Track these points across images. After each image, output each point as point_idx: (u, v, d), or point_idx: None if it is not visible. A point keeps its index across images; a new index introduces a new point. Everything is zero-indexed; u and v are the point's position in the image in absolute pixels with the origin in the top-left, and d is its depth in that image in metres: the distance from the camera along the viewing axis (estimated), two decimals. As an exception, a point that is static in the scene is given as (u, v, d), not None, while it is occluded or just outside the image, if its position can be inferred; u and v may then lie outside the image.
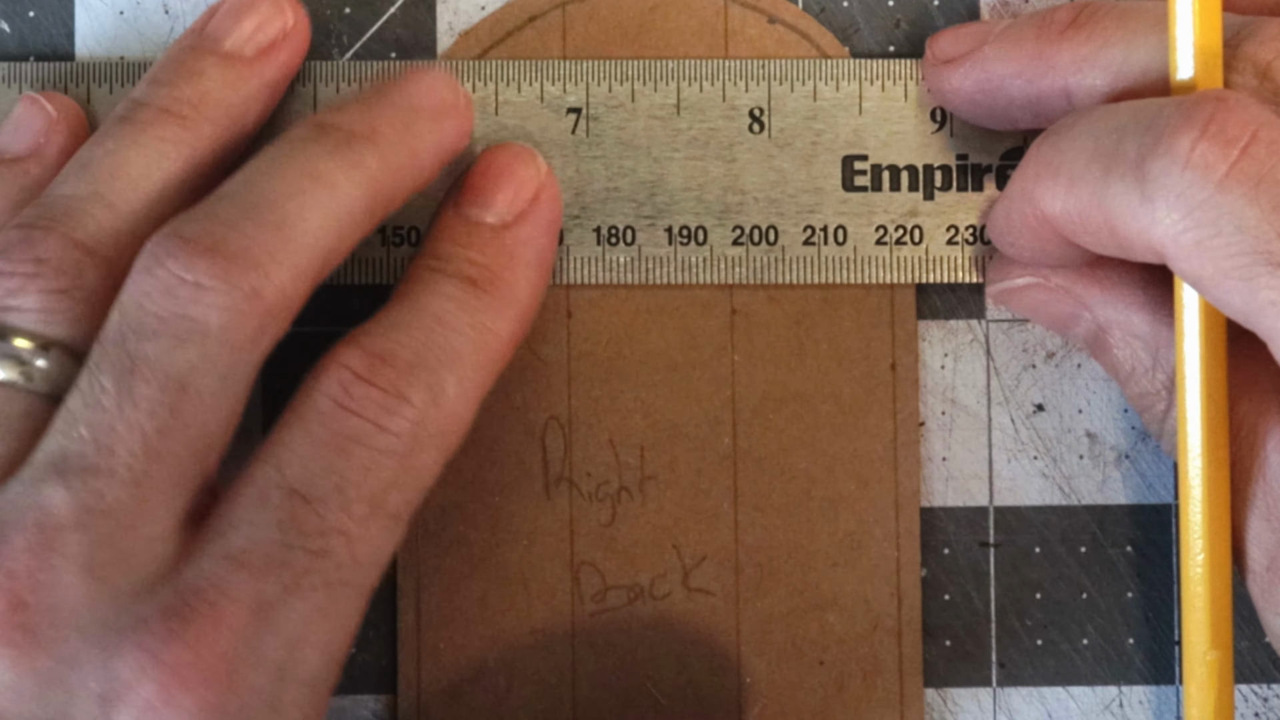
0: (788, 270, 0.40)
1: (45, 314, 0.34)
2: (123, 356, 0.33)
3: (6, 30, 0.41)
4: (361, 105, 0.36)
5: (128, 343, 0.33)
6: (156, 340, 0.33)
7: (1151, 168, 0.32)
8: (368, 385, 0.34)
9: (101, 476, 0.32)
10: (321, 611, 0.33)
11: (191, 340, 0.33)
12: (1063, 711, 0.40)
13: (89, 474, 0.32)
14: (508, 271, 0.37)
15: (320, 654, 0.33)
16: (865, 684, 0.40)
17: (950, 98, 0.39)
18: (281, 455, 0.33)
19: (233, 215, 0.34)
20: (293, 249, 0.34)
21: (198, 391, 0.33)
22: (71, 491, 0.32)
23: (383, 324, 0.35)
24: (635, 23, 0.40)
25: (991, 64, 0.38)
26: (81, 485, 0.32)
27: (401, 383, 0.34)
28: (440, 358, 0.35)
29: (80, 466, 0.32)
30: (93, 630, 0.31)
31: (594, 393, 0.40)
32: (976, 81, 0.38)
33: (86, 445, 0.32)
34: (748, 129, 0.40)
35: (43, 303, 0.34)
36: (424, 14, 0.41)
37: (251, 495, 0.33)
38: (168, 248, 0.33)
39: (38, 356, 0.34)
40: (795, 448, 0.40)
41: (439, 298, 0.36)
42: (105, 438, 0.32)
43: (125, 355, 0.33)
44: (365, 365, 0.34)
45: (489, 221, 0.37)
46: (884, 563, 0.40)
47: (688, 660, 0.40)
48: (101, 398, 0.32)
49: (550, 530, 0.40)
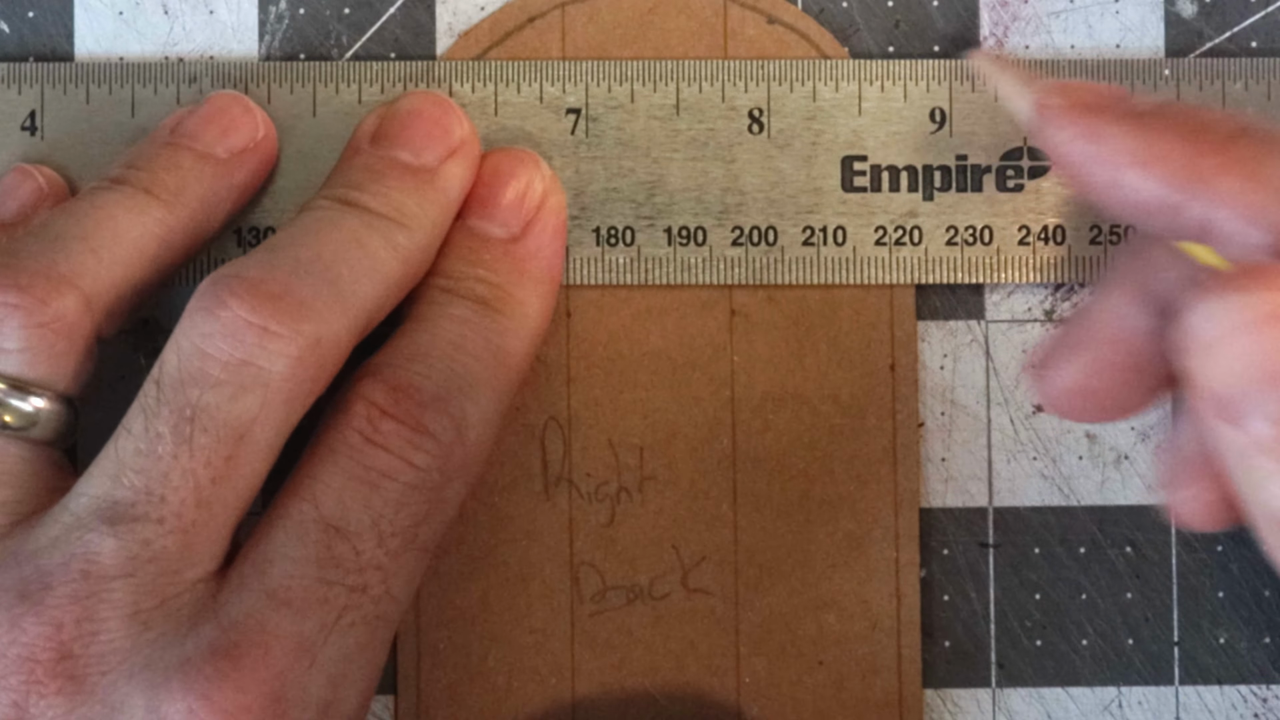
0: (787, 271, 0.40)
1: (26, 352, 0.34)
2: (182, 404, 0.33)
3: (6, 30, 0.41)
4: (371, 175, 0.37)
5: (187, 390, 0.33)
6: (218, 389, 0.33)
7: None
8: (393, 420, 0.34)
9: (150, 525, 0.32)
10: (361, 648, 0.33)
11: (254, 389, 0.33)
12: (1062, 712, 0.40)
13: (138, 523, 0.32)
14: (518, 288, 0.37)
15: (359, 691, 0.34)
16: (864, 684, 0.40)
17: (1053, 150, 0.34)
18: (315, 490, 0.34)
19: (291, 265, 0.34)
20: (345, 307, 0.34)
21: (253, 442, 0.33)
22: (120, 540, 0.32)
23: (402, 353, 0.35)
24: (635, 23, 0.40)
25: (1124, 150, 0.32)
26: (130, 534, 0.32)
27: (426, 418, 0.34)
28: (461, 388, 0.35)
29: (130, 515, 0.32)
30: (139, 673, 0.32)
31: (594, 393, 0.40)
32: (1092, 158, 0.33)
33: (138, 494, 0.32)
34: (747, 129, 0.40)
35: (25, 340, 0.34)
36: (423, 14, 0.41)
37: (287, 530, 0.33)
38: (232, 288, 0.33)
39: (13, 397, 0.34)
40: (795, 448, 0.40)
41: (454, 322, 0.36)
42: (158, 486, 0.32)
43: (185, 403, 0.33)
44: (389, 399, 0.34)
45: (496, 234, 0.38)
46: (883, 563, 0.40)
47: (687, 660, 0.40)
48: (157, 445, 0.32)
49: (550, 530, 0.40)
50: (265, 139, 0.39)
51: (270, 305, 0.33)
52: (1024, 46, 0.41)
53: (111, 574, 0.32)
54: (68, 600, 0.32)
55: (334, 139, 0.39)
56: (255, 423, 0.33)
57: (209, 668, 0.31)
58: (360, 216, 0.36)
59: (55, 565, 0.32)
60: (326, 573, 0.33)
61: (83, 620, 0.32)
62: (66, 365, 0.34)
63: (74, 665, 0.31)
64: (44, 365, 0.34)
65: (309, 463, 0.34)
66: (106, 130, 0.40)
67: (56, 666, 0.31)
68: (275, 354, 0.33)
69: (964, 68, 0.40)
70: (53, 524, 0.33)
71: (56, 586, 0.32)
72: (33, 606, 0.32)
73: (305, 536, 0.33)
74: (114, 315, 0.36)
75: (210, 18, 0.41)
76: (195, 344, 0.33)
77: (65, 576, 0.32)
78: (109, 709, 0.31)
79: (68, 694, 0.31)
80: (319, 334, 0.33)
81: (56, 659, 0.31)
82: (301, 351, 0.33)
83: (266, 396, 0.33)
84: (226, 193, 0.38)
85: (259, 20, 0.41)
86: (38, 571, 0.32)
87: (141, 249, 0.36)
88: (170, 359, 0.33)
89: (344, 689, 0.33)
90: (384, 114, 0.38)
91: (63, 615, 0.32)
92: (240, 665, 0.32)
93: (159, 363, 0.33)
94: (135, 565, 0.32)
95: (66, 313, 0.34)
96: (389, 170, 0.37)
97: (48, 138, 0.40)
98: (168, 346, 0.33)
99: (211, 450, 0.32)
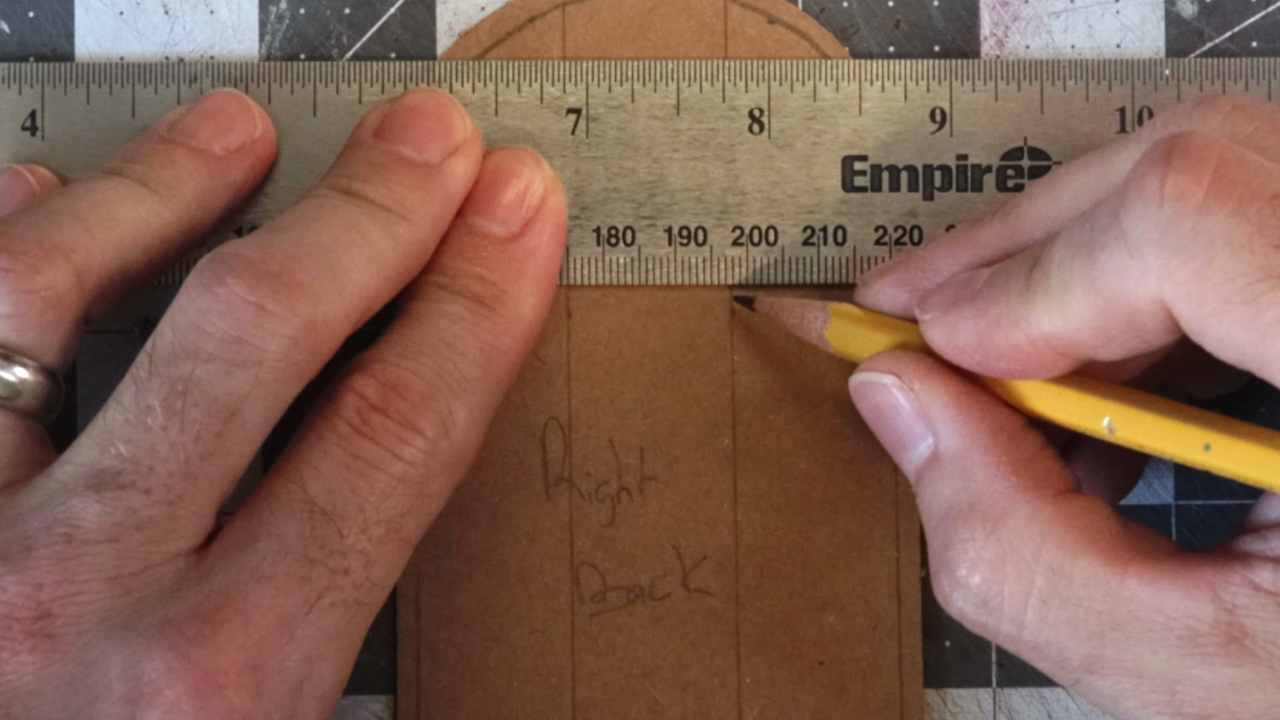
0: (787, 270, 0.40)
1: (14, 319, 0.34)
2: (175, 378, 0.33)
3: (6, 30, 0.41)
4: (373, 168, 0.37)
5: (180, 364, 0.33)
6: (211, 364, 0.33)
7: (1128, 219, 0.31)
8: (382, 415, 0.34)
9: (136, 494, 0.32)
10: (339, 630, 0.33)
11: (247, 367, 0.33)
12: (1062, 712, 0.40)
13: (124, 490, 0.32)
14: (514, 287, 0.37)
15: (334, 672, 0.34)
16: (865, 684, 0.40)
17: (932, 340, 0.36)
18: (303, 472, 0.34)
19: (290, 248, 0.34)
20: (341, 292, 0.34)
21: (244, 419, 0.33)
22: (104, 505, 0.32)
23: (394, 348, 0.35)
24: (635, 23, 0.40)
25: (944, 270, 0.37)
26: (115, 501, 0.32)
27: (414, 415, 0.34)
28: (451, 386, 0.35)
29: (116, 483, 0.32)
30: (117, 633, 0.32)
31: (594, 393, 0.40)
32: (949, 305, 0.35)
33: (125, 463, 0.32)
34: (747, 129, 0.40)
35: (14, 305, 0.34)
36: (424, 14, 0.41)
37: (274, 508, 0.33)
38: (231, 266, 0.33)
39: None
40: (795, 448, 0.40)
41: (447, 320, 0.36)
42: (146, 457, 0.32)
43: (178, 377, 0.33)
44: (379, 395, 0.34)
45: (495, 233, 0.38)
46: (884, 563, 0.40)
47: (687, 660, 0.40)
48: (147, 417, 0.33)
49: (550, 531, 0.40)
50: (263, 137, 0.39)
51: (268, 285, 0.33)
52: (1024, 46, 0.41)
53: (94, 538, 0.32)
54: (48, 561, 0.32)
55: (334, 139, 0.39)
56: (246, 401, 0.33)
57: (190, 629, 0.31)
58: (361, 206, 0.36)
59: (37, 529, 0.32)
60: (310, 551, 0.33)
61: (63, 581, 0.32)
62: (54, 336, 0.34)
63: (51, 624, 0.31)
64: (32, 333, 0.34)
65: (298, 446, 0.34)
66: (107, 130, 0.40)
67: (33, 625, 0.31)
68: (270, 333, 0.33)
69: (965, 67, 0.40)
70: (37, 490, 0.33)
71: (38, 549, 0.32)
72: (13, 567, 0.32)
73: (291, 515, 0.33)
74: (104, 297, 0.36)
75: (211, 18, 0.41)
76: (191, 319, 0.33)
77: (48, 539, 0.32)
78: (82, 666, 0.31)
79: (42, 650, 0.31)
80: (315, 316, 0.33)
81: (34, 617, 0.31)
82: (296, 332, 0.33)
83: (259, 375, 0.33)
84: (223, 189, 0.38)
85: (259, 20, 0.41)
86: (20, 534, 0.32)
87: (135, 235, 0.36)
88: (165, 333, 0.33)
89: (320, 668, 0.33)
90: (387, 110, 0.38)
91: (43, 576, 0.32)
92: (220, 630, 0.32)
93: (153, 336, 0.33)
94: (119, 531, 0.32)
95: (57, 283, 0.34)
96: (392, 164, 0.37)
97: (48, 138, 0.40)
98: (163, 320, 0.33)
99: (202, 425, 0.33)
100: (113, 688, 0.31)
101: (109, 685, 0.31)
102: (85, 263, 0.35)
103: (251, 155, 0.38)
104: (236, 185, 0.38)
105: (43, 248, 0.34)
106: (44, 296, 0.34)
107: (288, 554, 0.33)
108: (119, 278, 0.36)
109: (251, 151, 0.38)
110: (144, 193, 0.36)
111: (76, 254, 0.35)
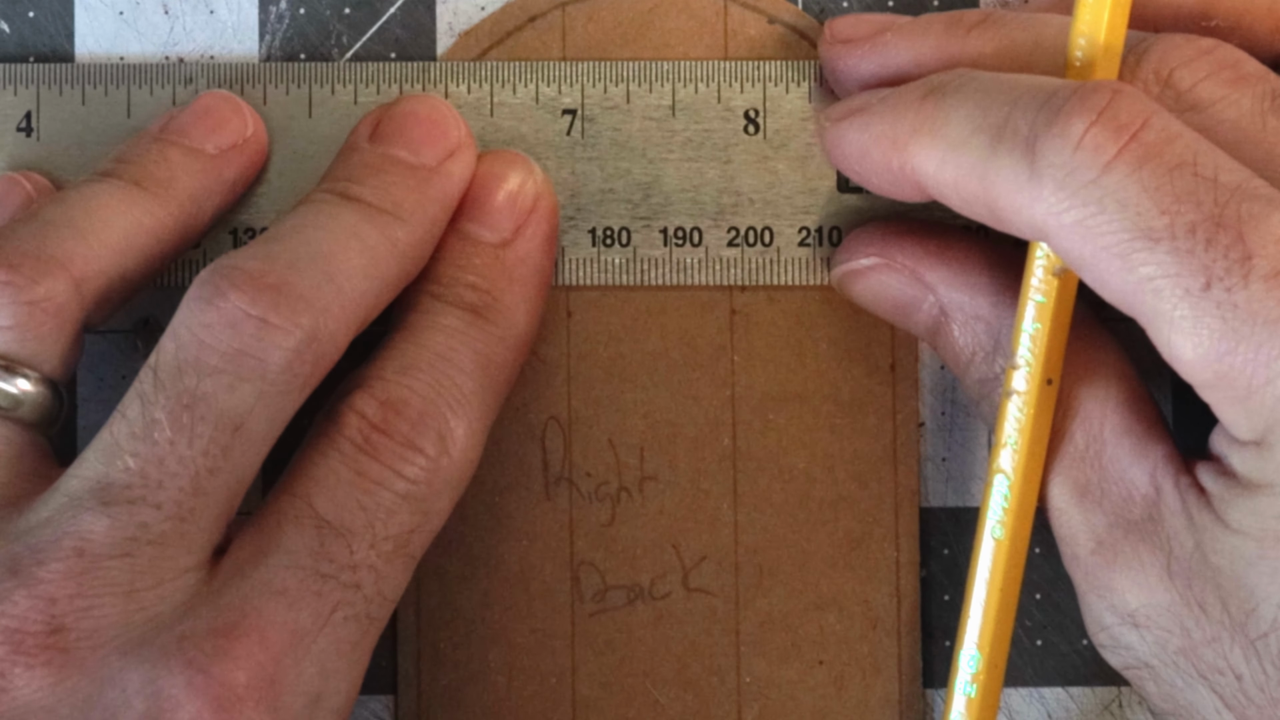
0: (783, 271, 0.40)
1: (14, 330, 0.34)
2: (180, 392, 0.33)
3: (6, 30, 0.41)
4: (369, 171, 0.37)
5: (185, 378, 0.33)
6: (216, 378, 0.33)
7: (1043, 147, 0.32)
8: (383, 435, 0.34)
9: (146, 509, 0.32)
10: (352, 644, 0.34)
11: (251, 380, 0.33)
12: (1062, 712, 0.40)
13: (134, 505, 0.32)
14: (507, 295, 0.37)
15: (347, 686, 0.34)
16: (865, 684, 0.40)
17: (844, 79, 0.38)
18: (310, 488, 0.34)
19: (290, 258, 0.34)
20: (342, 301, 0.34)
21: (249, 433, 0.33)
22: (115, 520, 0.32)
23: (392, 364, 0.36)
24: (635, 23, 0.40)
25: (893, 50, 0.37)
26: (125, 515, 0.32)
27: (414, 434, 0.35)
28: (449, 402, 0.35)
29: (125, 498, 0.32)
30: (133, 649, 0.32)
31: (594, 393, 0.40)
32: (875, 66, 0.37)
33: (133, 477, 0.32)
34: (743, 130, 0.40)
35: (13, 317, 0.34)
36: (424, 14, 0.41)
37: (283, 524, 0.34)
38: (232, 279, 0.33)
39: None
40: (795, 448, 0.40)
41: (443, 333, 0.36)
42: (154, 471, 0.32)
43: (183, 390, 0.33)
44: (379, 414, 0.35)
45: (487, 239, 0.38)
46: (883, 563, 0.40)
47: (687, 660, 0.40)
48: (154, 431, 0.33)
49: (550, 530, 0.40)
50: (254, 137, 0.39)
51: (269, 297, 0.33)
52: (1025, 45, 0.41)
53: (106, 553, 0.32)
54: (61, 576, 0.32)
55: (329, 140, 0.39)
56: (251, 414, 0.33)
57: (207, 645, 0.32)
58: (359, 210, 0.36)
59: (47, 542, 0.32)
60: (321, 566, 0.33)
61: (76, 596, 0.32)
62: (54, 347, 0.35)
63: (64, 639, 0.31)
64: (31, 344, 0.34)
65: (302, 464, 0.34)
66: (102, 132, 0.40)
67: (46, 639, 0.31)
68: (273, 346, 0.33)
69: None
70: (44, 505, 0.33)
71: (49, 562, 0.32)
72: (24, 581, 0.32)
73: (301, 531, 0.33)
74: (102, 304, 0.36)
75: (210, 18, 0.41)
76: (194, 333, 0.33)
77: (58, 553, 0.32)
78: (98, 683, 0.31)
79: (56, 666, 0.31)
80: (317, 327, 0.33)
81: (47, 632, 0.31)
82: (299, 344, 0.33)
83: (263, 388, 0.33)
84: (216, 188, 0.38)
85: (259, 20, 0.41)
86: (29, 548, 0.32)
87: (130, 238, 0.36)
88: (168, 347, 0.33)
89: (334, 681, 0.33)
90: (382, 114, 0.38)
91: (56, 590, 0.32)
92: (237, 645, 0.32)
93: (156, 350, 0.33)
94: (133, 546, 0.32)
95: (55, 294, 0.34)
96: (388, 167, 0.37)
97: (43, 139, 0.40)
98: (165, 334, 0.34)
99: (209, 439, 0.33)
100: (131, 704, 0.31)
101: (127, 702, 0.31)
102: (83, 271, 0.35)
103: (244, 154, 0.39)
104: (230, 184, 0.38)
105: (40, 259, 0.34)
106: (43, 307, 0.34)
107: (299, 569, 0.33)
108: (117, 284, 0.36)
109: (244, 150, 0.39)
110: (138, 193, 0.36)
111: (74, 263, 0.35)
